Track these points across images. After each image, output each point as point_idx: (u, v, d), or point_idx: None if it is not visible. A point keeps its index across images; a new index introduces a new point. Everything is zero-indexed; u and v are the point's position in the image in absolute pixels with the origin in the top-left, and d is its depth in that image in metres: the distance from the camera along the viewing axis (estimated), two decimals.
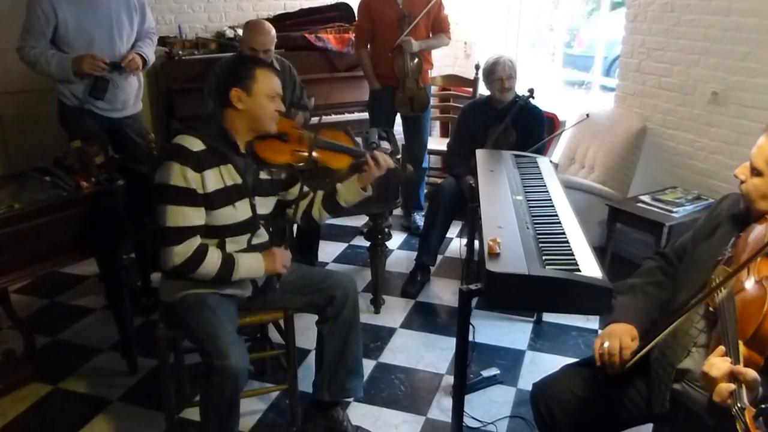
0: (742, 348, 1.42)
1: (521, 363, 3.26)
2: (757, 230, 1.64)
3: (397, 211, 5.07)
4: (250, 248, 2.47)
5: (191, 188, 2.25)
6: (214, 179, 2.31)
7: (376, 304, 3.74)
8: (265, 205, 2.53)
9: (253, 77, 2.33)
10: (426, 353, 3.34)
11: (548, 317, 3.64)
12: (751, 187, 1.72)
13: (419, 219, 4.78)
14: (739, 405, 1.30)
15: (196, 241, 2.29)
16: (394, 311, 3.75)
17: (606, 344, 1.82)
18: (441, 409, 2.91)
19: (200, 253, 2.28)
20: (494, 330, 3.52)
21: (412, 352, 3.36)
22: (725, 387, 1.37)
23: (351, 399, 2.89)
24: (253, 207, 2.44)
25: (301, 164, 2.52)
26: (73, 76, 3.32)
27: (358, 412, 2.89)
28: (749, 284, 1.53)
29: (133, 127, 3.64)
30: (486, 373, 3.09)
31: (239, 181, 2.38)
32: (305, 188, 2.65)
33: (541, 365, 3.20)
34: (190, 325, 2.32)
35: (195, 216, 2.28)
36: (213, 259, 2.30)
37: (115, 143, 3.50)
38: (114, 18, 3.42)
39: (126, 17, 3.48)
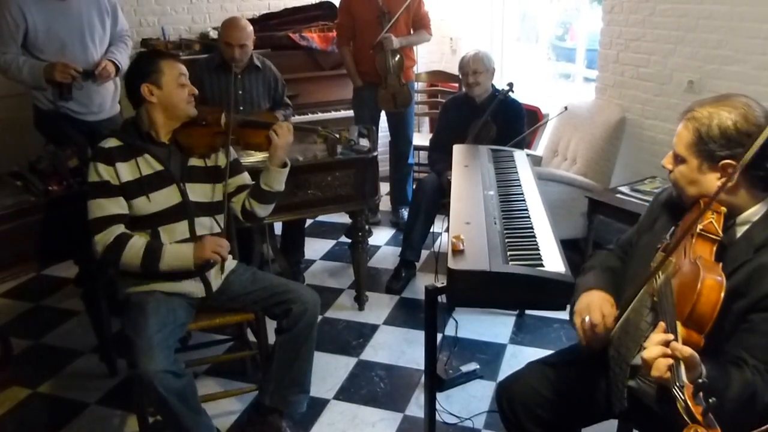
0: (680, 329, 1.40)
1: (502, 357, 3.26)
2: (692, 214, 1.66)
3: (386, 207, 5.08)
4: (195, 239, 2.49)
5: (104, 180, 2.39)
6: (128, 171, 2.42)
7: (360, 301, 3.74)
8: (202, 193, 2.56)
9: (159, 70, 2.44)
10: (407, 349, 3.34)
11: (531, 310, 3.62)
12: (678, 175, 1.72)
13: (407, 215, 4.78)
14: (678, 383, 1.28)
15: (117, 229, 2.39)
16: (378, 308, 3.76)
17: (587, 318, 1.75)
18: (419, 405, 2.91)
19: (121, 241, 2.37)
20: (477, 324, 3.52)
21: (394, 348, 3.36)
22: (663, 361, 1.35)
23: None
24: (182, 193, 2.48)
25: (222, 143, 2.59)
26: (45, 83, 3.29)
27: (335, 410, 2.89)
28: (685, 266, 1.53)
29: (110, 130, 3.62)
30: (465, 369, 3.08)
31: (160, 168, 2.46)
32: (246, 180, 2.72)
33: (522, 359, 3.18)
34: (123, 327, 2.41)
35: (111, 206, 2.39)
36: (136, 246, 2.37)
37: (94, 146, 3.49)
38: (85, 21, 3.40)
39: (98, 20, 3.45)
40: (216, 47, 4.72)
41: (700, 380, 1.27)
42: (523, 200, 2.60)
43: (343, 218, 4.63)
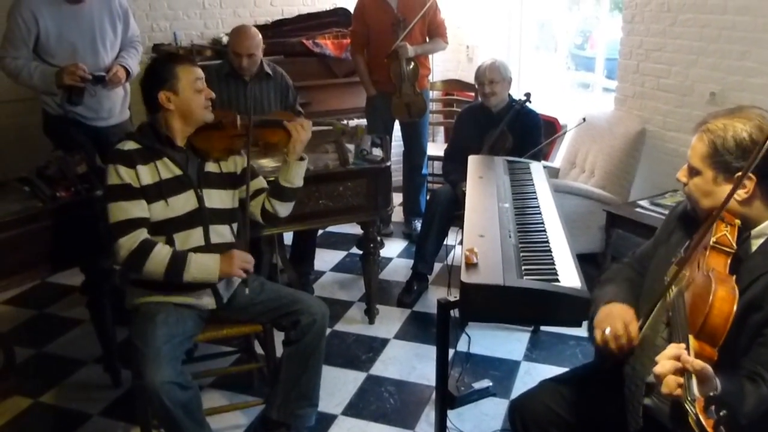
0: (693, 342, 1.37)
1: (516, 374, 3.19)
2: (705, 227, 1.63)
3: (399, 218, 5.01)
4: (210, 247, 2.46)
5: (125, 183, 2.33)
6: (149, 174, 2.38)
7: (370, 314, 3.67)
8: (219, 199, 2.53)
9: (175, 76, 2.40)
10: (418, 364, 3.27)
11: (546, 326, 3.53)
12: (693, 188, 1.70)
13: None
14: (689, 397, 1.25)
15: (142, 234, 2.34)
16: (389, 321, 3.68)
17: (608, 330, 1.70)
18: (430, 423, 2.83)
19: (146, 247, 2.32)
20: (490, 340, 3.44)
21: (405, 363, 3.29)
22: (673, 378, 1.32)
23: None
24: (199, 198, 2.45)
25: (241, 146, 2.57)
26: (56, 88, 3.26)
27: (344, 427, 2.83)
28: (698, 279, 1.51)
29: (119, 136, 3.57)
30: (478, 386, 3.00)
31: (179, 172, 2.43)
32: (263, 184, 2.70)
33: (537, 376, 3.09)
34: (130, 336, 2.37)
35: (134, 209, 2.34)
36: (161, 254, 2.32)
37: (103, 152, 3.45)
38: (97, 26, 3.37)
39: (109, 25, 3.42)
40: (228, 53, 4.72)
41: (711, 393, 1.26)
42: (539, 213, 2.54)
43: (354, 229, 4.58)
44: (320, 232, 4.68)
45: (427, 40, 4.46)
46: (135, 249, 2.30)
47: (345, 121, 4.89)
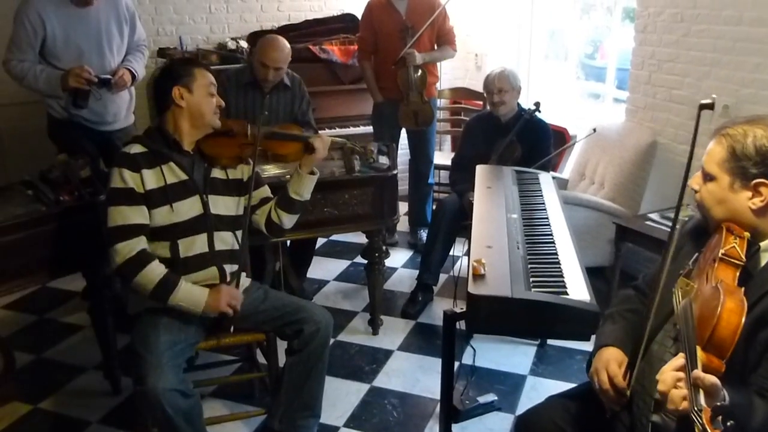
0: (700, 354, 1.35)
1: (521, 389, 3.13)
2: (714, 239, 1.63)
3: (404, 228, 4.96)
4: (213, 253, 2.45)
5: (129, 188, 2.32)
6: (154, 178, 2.37)
7: (374, 325, 3.62)
8: (224, 206, 2.52)
9: (192, 74, 2.42)
10: (422, 377, 3.22)
11: (553, 340, 3.48)
12: (706, 194, 1.68)
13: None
14: (696, 407, 1.24)
15: (140, 243, 2.32)
16: (393, 332, 3.63)
17: (596, 384, 1.76)
18: None
19: (142, 260, 2.30)
20: (495, 353, 3.39)
21: (408, 375, 3.24)
22: (677, 393, 1.33)
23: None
24: (204, 204, 2.44)
25: (250, 154, 2.57)
26: (62, 91, 3.24)
27: None
28: (706, 290, 1.49)
29: (124, 141, 3.56)
30: (483, 400, 2.96)
31: (185, 177, 2.42)
32: (268, 193, 2.70)
33: (543, 391, 3.05)
34: (131, 342, 2.35)
35: (133, 215, 2.32)
36: (155, 272, 2.31)
37: (107, 157, 3.44)
38: (103, 29, 3.36)
39: (116, 29, 3.41)
40: (235, 59, 4.71)
41: (719, 403, 1.24)
42: (548, 225, 2.50)
43: (359, 238, 4.55)
44: (323, 240, 4.66)
45: (436, 47, 4.43)
46: (131, 258, 2.29)
47: (350, 128, 4.88)
